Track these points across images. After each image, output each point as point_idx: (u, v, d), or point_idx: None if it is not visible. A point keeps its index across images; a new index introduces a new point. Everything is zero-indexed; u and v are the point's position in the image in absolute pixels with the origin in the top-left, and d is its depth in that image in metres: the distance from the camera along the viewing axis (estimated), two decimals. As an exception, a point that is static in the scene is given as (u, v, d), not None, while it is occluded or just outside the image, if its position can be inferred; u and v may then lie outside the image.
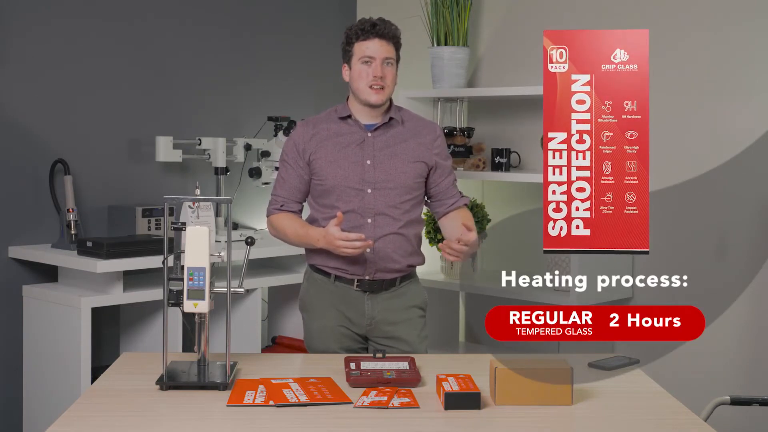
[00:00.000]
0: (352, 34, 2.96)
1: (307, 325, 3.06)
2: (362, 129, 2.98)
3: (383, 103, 2.97)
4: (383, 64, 2.93)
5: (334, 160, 2.95)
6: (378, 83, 2.93)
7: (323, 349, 2.99)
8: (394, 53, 2.97)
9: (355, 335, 3.01)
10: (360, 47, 2.94)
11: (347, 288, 2.98)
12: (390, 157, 2.96)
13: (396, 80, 3.00)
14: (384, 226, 2.93)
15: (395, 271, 2.99)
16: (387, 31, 2.94)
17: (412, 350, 2.98)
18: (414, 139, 3.00)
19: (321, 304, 3.01)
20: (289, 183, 3.01)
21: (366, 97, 2.95)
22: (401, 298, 3.01)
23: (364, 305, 2.98)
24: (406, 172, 2.96)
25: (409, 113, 3.08)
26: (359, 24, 2.97)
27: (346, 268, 2.96)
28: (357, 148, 2.96)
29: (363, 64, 2.94)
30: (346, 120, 3.00)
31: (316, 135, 2.99)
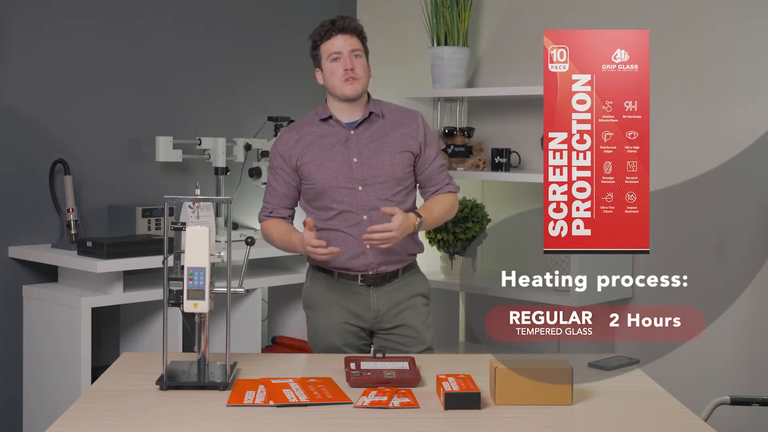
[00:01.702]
0: (316, 37, 3.02)
1: (312, 323, 3.08)
2: (344, 128, 3.01)
3: (359, 95, 2.98)
4: (351, 56, 2.96)
5: (321, 163, 2.98)
6: (350, 74, 2.95)
7: (327, 346, 3.01)
8: (360, 45, 3.00)
9: (360, 331, 3.04)
10: (326, 47, 2.98)
11: (351, 284, 3.01)
12: (376, 152, 2.98)
13: (369, 72, 3.03)
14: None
15: (396, 262, 3.02)
16: (348, 25, 2.98)
17: (417, 336, 3.01)
18: (397, 130, 3.02)
19: (326, 301, 3.04)
20: (277, 191, 3.04)
21: (342, 92, 2.97)
22: (405, 289, 3.05)
23: (369, 299, 3.01)
24: (394, 164, 2.99)
25: (389, 105, 3.10)
26: (320, 26, 3.02)
27: (350, 267, 2.98)
28: (342, 148, 2.99)
29: (332, 62, 2.98)
30: (327, 121, 3.03)
31: (300, 140, 3.02)
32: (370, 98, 3.06)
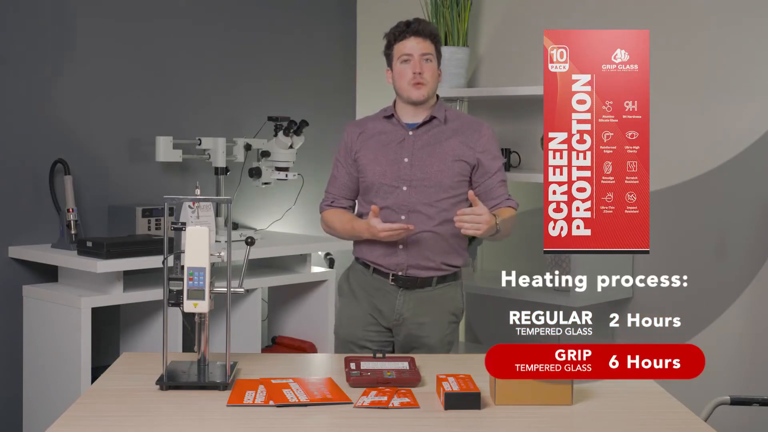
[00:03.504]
0: (390, 37, 3.04)
1: (339, 310, 3.16)
2: (404, 128, 3.04)
3: (425, 99, 3.00)
4: (421, 60, 2.98)
5: (375, 158, 3.02)
6: (417, 79, 2.97)
7: (349, 336, 3.06)
8: (433, 49, 3.01)
9: (382, 328, 3.06)
10: (399, 48, 3.01)
11: (383, 281, 3.04)
12: (429, 155, 2.99)
13: (439, 77, 3.05)
14: (417, 224, 2.95)
15: (429, 269, 3.01)
16: (422, 29, 3.00)
17: (430, 352, 2.99)
18: (456, 138, 3.02)
19: (355, 292, 3.09)
20: (339, 180, 3.11)
21: (408, 95, 3.00)
22: (434, 301, 3.03)
23: (395, 300, 3.02)
24: (443, 171, 2.98)
25: (456, 112, 3.11)
26: (395, 26, 3.04)
27: (382, 263, 3.02)
28: (397, 147, 3.02)
29: (403, 63, 3.00)
30: (390, 119, 3.06)
31: (362, 134, 3.07)
32: (438, 101, 3.07)
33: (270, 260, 4.20)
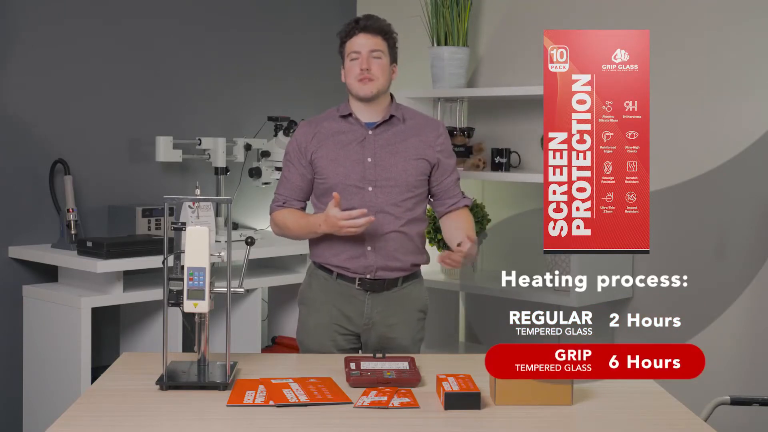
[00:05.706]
0: (341, 35, 3.00)
1: (303, 320, 3.06)
2: (363, 127, 2.98)
3: (373, 95, 2.95)
4: (369, 56, 2.94)
5: (335, 159, 2.95)
6: (364, 75, 2.93)
7: (315, 345, 2.99)
8: (383, 45, 2.97)
9: (350, 333, 3.01)
10: (348, 45, 2.97)
11: (349, 286, 2.97)
12: (391, 154, 2.96)
13: (392, 74, 3.01)
14: (385, 224, 2.92)
15: (397, 269, 2.98)
16: (371, 25, 2.96)
17: (404, 352, 2.96)
18: (416, 137, 2.99)
19: (320, 300, 3.01)
20: (291, 182, 3.02)
21: (356, 91, 2.96)
22: (401, 301, 3.00)
23: (363, 305, 2.97)
24: (407, 170, 2.96)
25: (412, 111, 3.08)
26: (345, 24, 3.01)
27: (348, 267, 2.96)
28: (358, 146, 2.96)
29: (352, 61, 2.96)
30: (347, 118, 3.00)
31: (317, 134, 2.99)
32: (394, 101, 3.05)
33: (270, 260, 4.20)
